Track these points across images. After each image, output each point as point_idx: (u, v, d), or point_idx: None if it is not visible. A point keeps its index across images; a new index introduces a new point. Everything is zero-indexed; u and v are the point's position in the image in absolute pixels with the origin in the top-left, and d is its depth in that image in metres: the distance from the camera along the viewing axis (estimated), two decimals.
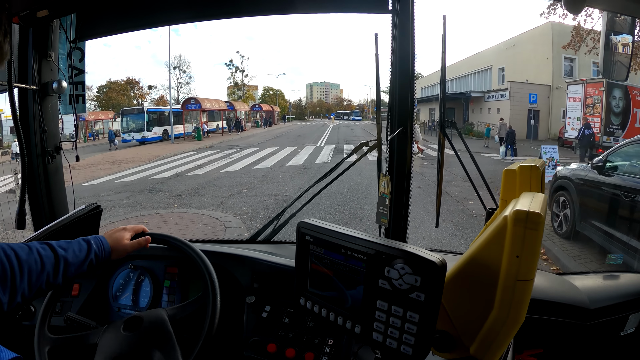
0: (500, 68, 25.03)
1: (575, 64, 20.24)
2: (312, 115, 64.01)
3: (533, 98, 19.94)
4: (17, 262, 0.91)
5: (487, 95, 24.10)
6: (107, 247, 1.10)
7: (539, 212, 0.66)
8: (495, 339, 0.74)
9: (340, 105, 69.52)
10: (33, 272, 0.93)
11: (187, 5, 1.63)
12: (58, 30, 1.69)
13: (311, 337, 1.21)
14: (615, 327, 1.42)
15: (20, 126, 1.54)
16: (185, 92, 39.83)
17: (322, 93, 77.09)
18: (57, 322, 1.28)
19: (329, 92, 77.17)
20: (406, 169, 1.53)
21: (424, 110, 29.87)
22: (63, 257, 1.00)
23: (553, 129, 20.09)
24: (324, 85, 77.81)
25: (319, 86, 77.70)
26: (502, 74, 24.71)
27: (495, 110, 22.40)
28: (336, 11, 1.58)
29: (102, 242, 1.10)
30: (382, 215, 1.53)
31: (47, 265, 0.96)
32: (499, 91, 22.98)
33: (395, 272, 0.74)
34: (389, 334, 0.76)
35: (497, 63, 25.26)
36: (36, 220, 1.75)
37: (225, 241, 1.74)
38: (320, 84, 78.07)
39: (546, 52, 20.52)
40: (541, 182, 0.99)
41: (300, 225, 0.89)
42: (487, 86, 25.73)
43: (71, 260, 1.01)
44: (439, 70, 1.50)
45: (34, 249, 0.96)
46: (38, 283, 0.94)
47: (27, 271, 0.92)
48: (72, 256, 1.01)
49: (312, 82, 78.58)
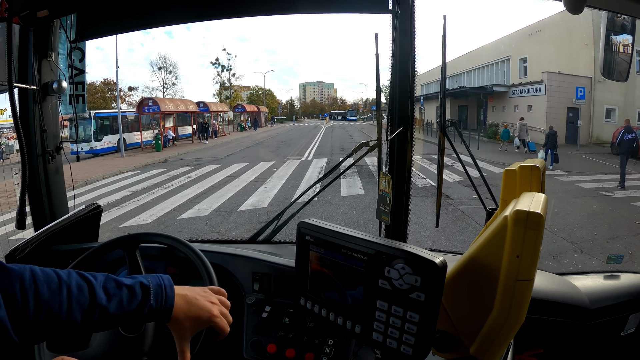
0: (521, 58, 20.41)
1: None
2: (305, 116, 62.23)
3: (580, 92, 15.88)
4: (34, 301, 0.68)
5: (514, 90, 19.99)
6: (169, 300, 0.81)
7: (539, 212, 0.66)
8: (496, 339, 0.74)
9: (334, 105, 68.28)
10: (54, 316, 0.69)
11: (187, 5, 1.63)
12: (58, 30, 1.69)
13: (311, 338, 1.21)
14: (615, 327, 1.42)
15: (20, 126, 1.54)
16: (171, 94, 36.85)
17: (315, 93, 76.32)
18: None
19: (322, 92, 76.43)
20: (406, 169, 1.53)
21: (429, 109, 25.34)
22: (101, 307, 0.74)
23: (595, 131, 16.27)
24: (317, 85, 76.94)
25: (312, 86, 76.77)
26: (523, 65, 20.23)
27: (526, 108, 18.72)
28: (337, 11, 1.58)
29: (165, 291, 0.81)
30: (382, 212, 1.53)
31: (74, 311, 0.71)
32: (530, 85, 18.69)
33: (395, 272, 0.74)
34: (389, 334, 0.76)
35: (517, 52, 20.63)
36: (36, 220, 1.75)
37: (225, 241, 1.74)
38: (314, 84, 77.12)
39: (585, 38, 16.08)
40: (542, 182, 0.99)
41: (301, 225, 0.89)
42: (504, 80, 21.51)
43: (113, 312, 0.75)
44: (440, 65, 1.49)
45: (65, 285, 0.72)
46: (59, 329, 0.71)
47: (44, 313, 0.68)
48: (116, 307, 0.75)
49: (305, 82, 77.74)
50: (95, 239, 1.75)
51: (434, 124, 22.10)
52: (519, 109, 19.05)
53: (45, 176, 1.74)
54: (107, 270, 1.47)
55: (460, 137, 1.65)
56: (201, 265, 1.17)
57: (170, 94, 35.90)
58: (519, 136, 15.52)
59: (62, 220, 1.58)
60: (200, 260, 1.18)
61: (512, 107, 19.79)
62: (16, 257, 1.44)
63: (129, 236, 1.27)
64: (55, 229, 1.55)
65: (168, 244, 1.24)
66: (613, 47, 1.45)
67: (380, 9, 1.46)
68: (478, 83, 23.89)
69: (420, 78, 27.14)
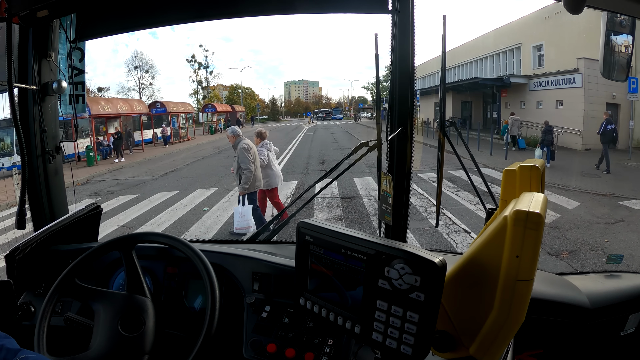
0: (535, 46, 17.27)
1: None
2: (289, 115, 60.29)
3: (633, 85, 12.35)
4: None
5: (535, 82, 16.29)
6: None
7: (539, 212, 0.66)
8: (495, 339, 0.74)
9: (319, 103, 66.79)
10: None
11: (186, 5, 1.63)
12: (58, 30, 1.69)
13: (311, 337, 1.21)
14: (615, 327, 1.42)
15: (20, 126, 1.54)
16: (147, 94, 35.36)
17: (300, 91, 75.48)
18: (57, 322, 1.28)
19: (307, 90, 75.58)
20: (406, 169, 1.53)
21: (425, 106, 22.46)
22: None
23: (637, 133, 12.90)
24: (302, 84, 76.23)
25: (297, 84, 76.08)
26: (537, 54, 17.15)
27: (553, 103, 15.26)
28: (336, 11, 1.58)
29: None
30: (385, 212, 1.53)
31: None
32: (560, 75, 14.93)
33: (395, 272, 0.74)
34: (388, 334, 0.76)
35: (530, 39, 17.45)
36: (36, 220, 1.75)
37: (225, 241, 1.74)
38: (299, 82, 76.47)
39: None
40: (541, 182, 0.99)
41: (300, 225, 0.89)
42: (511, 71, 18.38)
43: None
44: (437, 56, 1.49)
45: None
46: None
47: None
48: None
49: (290, 81, 76.88)
50: (95, 239, 1.75)
51: (432, 123, 19.47)
52: (544, 104, 15.50)
53: (45, 176, 1.74)
54: (107, 270, 1.48)
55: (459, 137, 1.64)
56: (201, 265, 1.17)
57: (147, 94, 34.36)
58: (510, 132, 13.98)
59: (62, 220, 1.58)
60: (199, 260, 1.18)
61: (534, 103, 16.13)
62: (16, 257, 1.44)
63: (128, 236, 1.28)
64: (55, 229, 1.55)
65: (168, 244, 1.24)
66: (613, 48, 1.45)
67: (380, 9, 1.46)
68: (480, 75, 20.32)
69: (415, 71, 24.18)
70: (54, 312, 1.19)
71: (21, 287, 1.48)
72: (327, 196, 7.95)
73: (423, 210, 6.90)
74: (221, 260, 1.40)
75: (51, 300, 1.18)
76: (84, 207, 1.68)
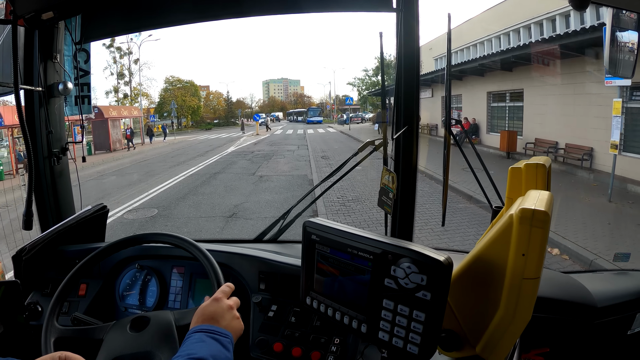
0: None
1: None
2: (249, 118, 47.87)
3: None
4: None
5: None
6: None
7: (545, 210, 0.66)
8: (502, 337, 0.74)
9: (298, 102, 58.55)
10: None
11: (190, 5, 1.64)
12: (63, 32, 1.70)
13: (317, 336, 1.21)
14: (622, 326, 1.41)
15: (26, 128, 1.55)
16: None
17: (279, 90, 70.15)
18: (64, 322, 1.29)
19: (287, 89, 69.98)
20: (412, 168, 1.53)
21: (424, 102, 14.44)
22: None
23: None
24: (282, 82, 70.81)
25: (276, 83, 70.77)
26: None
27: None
28: (341, 10, 1.58)
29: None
30: (385, 203, 1.53)
31: None
32: None
33: (401, 271, 0.74)
34: (395, 333, 0.76)
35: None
36: (43, 221, 1.77)
37: (231, 241, 1.74)
38: (278, 81, 71.02)
39: None
40: (547, 180, 0.98)
41: (307, 224, 0.89)
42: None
43: None
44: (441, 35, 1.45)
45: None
46: None
47: None
48: None
49: (269, 79, 70.79)
50: (102, 239, 1.76)
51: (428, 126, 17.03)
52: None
53: (52, 177, 1.75)
54: (114, 270, 1.49)
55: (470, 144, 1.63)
56: (208, 265, 1.18)
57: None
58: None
59: (69, 220, 1.59)
60: (207, 259, 1.18)
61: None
62: (23, 257, 1.45)
63: (135, 237, 1.28)
64: (62, 230, 1.56)
65: (175, 243, 1.25)
66: (618, 44, 1.44)
67: (385, 8, 1.46)
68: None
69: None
70: (61, 311, 1.20)
71: (28, 287, 1.50)
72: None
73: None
74: (227, 259, 1.41)
75: (61, 295, 1.18)
76: (90, 208, 1.69)
